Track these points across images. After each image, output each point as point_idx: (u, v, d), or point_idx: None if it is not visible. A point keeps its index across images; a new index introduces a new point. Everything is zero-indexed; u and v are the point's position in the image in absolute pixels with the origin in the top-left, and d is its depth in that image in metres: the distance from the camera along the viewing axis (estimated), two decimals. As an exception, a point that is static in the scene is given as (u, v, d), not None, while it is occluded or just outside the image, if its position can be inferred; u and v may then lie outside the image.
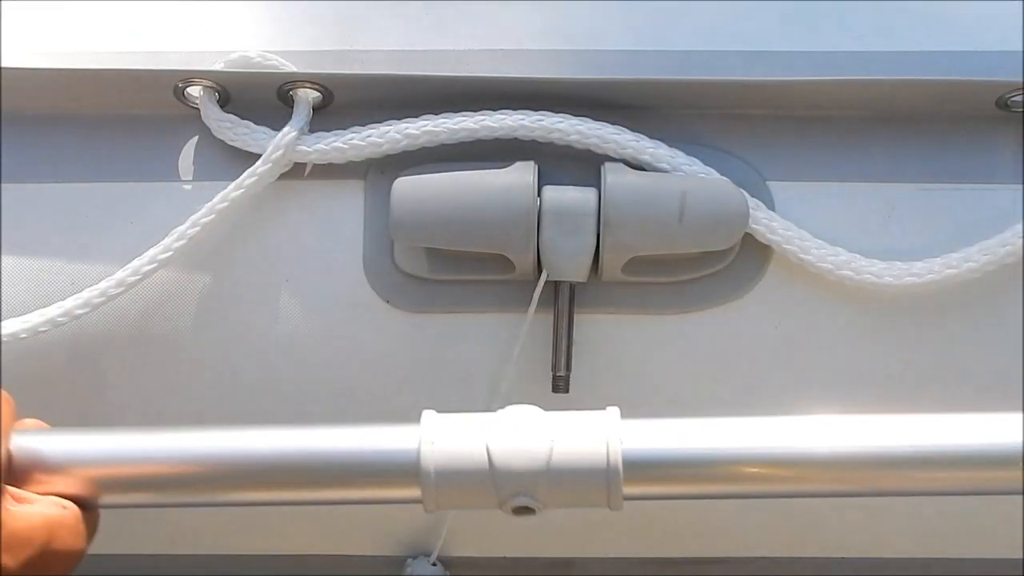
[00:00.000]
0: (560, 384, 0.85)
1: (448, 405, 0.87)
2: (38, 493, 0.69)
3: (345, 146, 0.85)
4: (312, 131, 0.87)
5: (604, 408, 0.80)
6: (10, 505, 0.67)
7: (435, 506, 0.68)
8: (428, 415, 0.70)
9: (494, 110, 0.85)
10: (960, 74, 0.87)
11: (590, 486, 0.67)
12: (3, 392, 0.71)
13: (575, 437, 0.68)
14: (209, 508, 0.76)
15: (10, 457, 0.69)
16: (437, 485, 0.67)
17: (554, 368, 0.85)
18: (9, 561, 0.65)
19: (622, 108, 0.87)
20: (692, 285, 0.86)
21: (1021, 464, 0.68)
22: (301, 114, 0.86)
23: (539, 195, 0.83)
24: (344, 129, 0.86)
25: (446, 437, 0.68)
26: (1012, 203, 0.87)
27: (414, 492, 0.68)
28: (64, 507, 0.69)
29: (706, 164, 0.85)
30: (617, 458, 0.67)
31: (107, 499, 0.70)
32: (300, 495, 0.71)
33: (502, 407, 0.86)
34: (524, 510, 0.68)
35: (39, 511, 0.68)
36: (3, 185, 0.88)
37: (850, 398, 0.87)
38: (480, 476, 0.67)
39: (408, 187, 0.83)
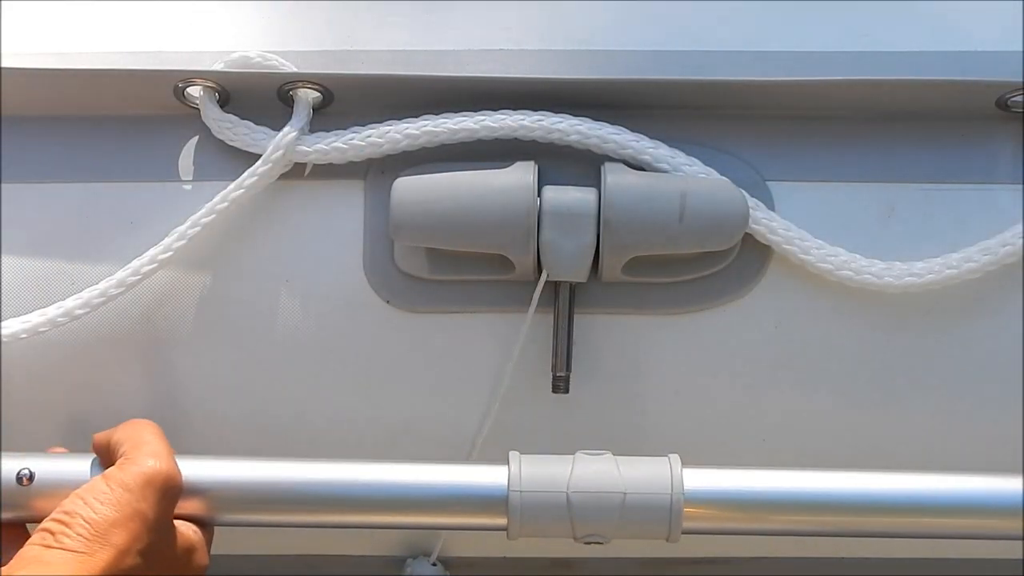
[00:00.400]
0: (560, 384, 0.85)
1: (448, 405, 0.87)
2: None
3: (345, 146, 0.85)
4: (312, 131, 0.87)
5: (606, 405, 0.87)
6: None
7: (518, 535, 0.78)
8: (514, 457, 0.78)
9: (494, 110, 0.85)
10: (960, 74, 0.87)
11: (654, 527, 0.78)
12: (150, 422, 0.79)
13: (644, 488, 0.77)
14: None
15: None
16: (522, 520, 0.77)
17: (554, 368, 0.85)
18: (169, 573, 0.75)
19: (622, 108, 0.87)
20: (692, 285, 0.86)
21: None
22: (301, 114, 0.86)
23: (539, 195, 0.83)
24: (344, 129, 0.86)
25: (532, 482, 0.77)
26: (1012, 203, 0.87)
27: (501, 521, 0.78)
28: (195, 532, 0.77)
29: (706, 164, 0.85)
30: (679, 505, 0.77)
31: (224, 518, 0.78)
32: (399, 520, 0.80)
33: (504, 406, 0.86)
34: (594, 543, 0.79)
35: (185, 533, 0.77)
36: (3, 185, 0.88)
37: (850, 398, 0.87)
38: (560, 517, 0.77)
39: (408, 187, 0.83)
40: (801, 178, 0.88)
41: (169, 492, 0.75)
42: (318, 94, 0.86)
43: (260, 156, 0.85)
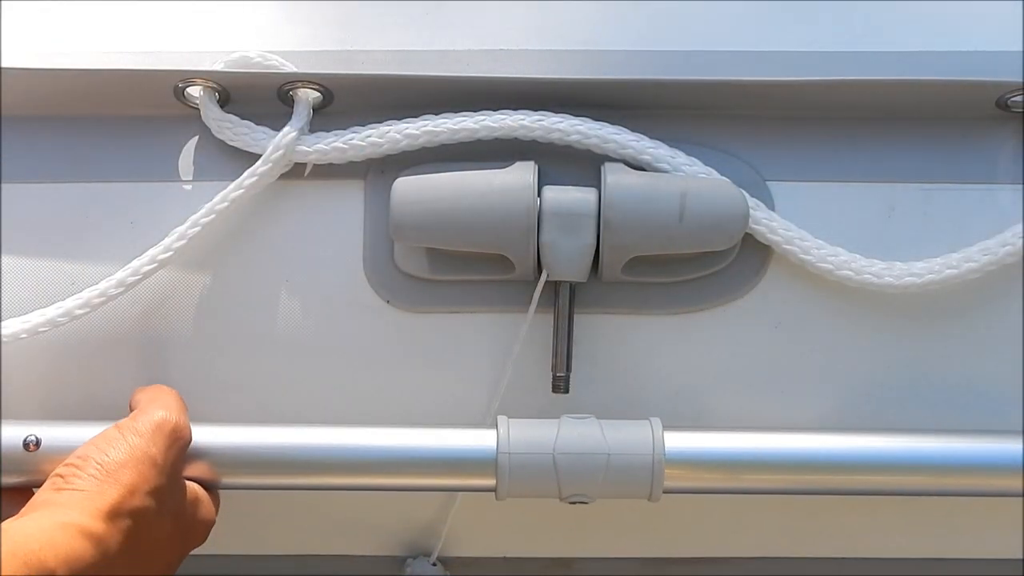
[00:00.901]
0: (560, 384, 0.85)
1: (448, 405, 0.88)
2: None
3: (345, 146, 0.85)
4: (312, 131, 0.87)
5: (606, 405, 0.88)
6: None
7: (506, 495, 0.81)
8: (503, 421, 0.82)
9: (494, 110, 0.85)
10: (960, 74, 0.87)
11: (637, 487, 0.81)
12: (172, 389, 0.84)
13: (627, 449, 0.81)
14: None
15: None
16: (511, 481, 0.81)
17: (554, 368, 0.85)
18: (175, 524, 0.78)
19: (622, 108, 0.87)
20: (692, 285, 0.86)
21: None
22: (301, 114, 0.86)
23: (539, 195, 0.83)
24: (344, 129, 0.86)
25: (520, 444, 0.81)
26: (1012, 203, 0.87)
27: (490, 482, 0.81)
28: (199, 488, 0.81)
29: (706, 164, 0.85)
30: (661, 465, 0.81)
31: (225, 481, 0.82)
32: (392, 481, 0.83)
33: (504, 406, 0.86)
34: (579, 503, 0.82)
35: (191, 485, 0.81)
36: (3, 185, 0.88)
37: (850, 397, 0.87)
38: (547, 478, 0.81)
39: (408, 187, 0.83)
40: (801, 178, 0.88)
41: (178, 440, 0.78)
42: (318, 94, 0.86)
43: (260, 156, 0.85)
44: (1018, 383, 0.87)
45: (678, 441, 0.82)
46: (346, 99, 0.87)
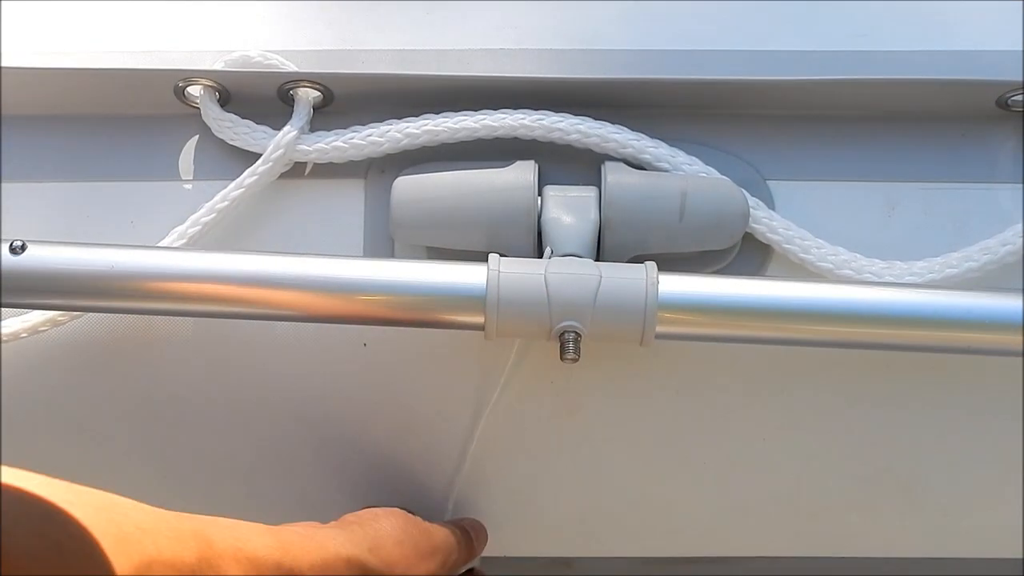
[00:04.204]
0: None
1: (448, 403, 0.87)
2: None
3: (345, 145, 0.85)
4: (312, 130, 0.87)
5: (607, 404, 0.87)
6: None
7: (495, 334, 0.78)
8: (493, 257, 0.79)
9: (494, 109, 0.85)
10: (960, 74, 0.87)
11: (629, 318, 0.77)
12: None
13: (621, 277, 0.78)
14: (208, 507, 0.78)
15: None
16: (499, 313, 0.77)
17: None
18: None
19: (622, 107, 0.87)
20: (692, 284, 0.86)
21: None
22: (301, 113, 0.86)
23: (539, 194, 0.83)
24: (344, 128, 0.86)
25: (510, 270, 0.78)
26: (1012, 203, 0.87)
27: (478, 319, 0.78)
28: None
29: (706, 163, 0.85)
30: (654, 297, 0.77)
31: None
32: (377, 313, 0.79)
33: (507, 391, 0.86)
34: (571, 337, 0.77)
35: None
36: (3, 185, 0.88)
37: (850, 397, 0.87)
38: (537, 302, 0.77)
39: (408, 186, 0.83)
40: (801, 177, 0.88)
41: None
42: (318, 93, 0.86)
43: (260, 155, 0.85)
44: (1018, 383, 0.87)
45: (673, 280, 0.79)
46: (346, 98, 0.87)
